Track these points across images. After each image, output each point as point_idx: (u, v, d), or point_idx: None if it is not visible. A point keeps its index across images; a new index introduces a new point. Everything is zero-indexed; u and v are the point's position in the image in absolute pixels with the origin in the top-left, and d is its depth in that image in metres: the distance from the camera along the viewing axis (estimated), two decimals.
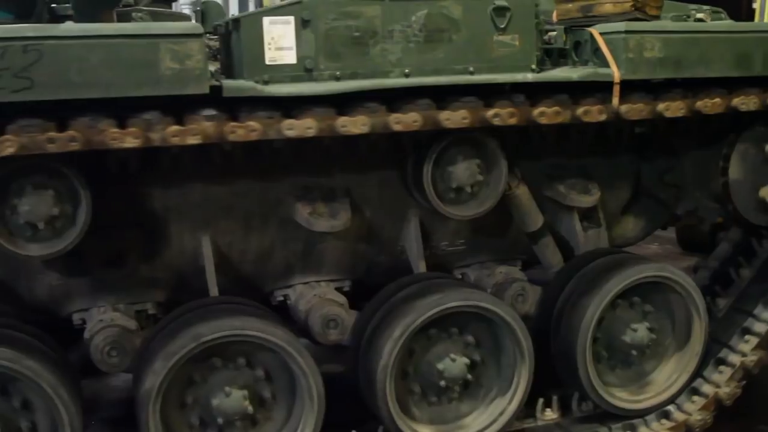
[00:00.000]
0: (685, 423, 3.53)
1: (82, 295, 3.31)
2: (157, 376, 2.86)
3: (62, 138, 2.52)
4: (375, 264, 3.63)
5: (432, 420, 3.33)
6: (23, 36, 2.43)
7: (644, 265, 3.45)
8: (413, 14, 2.94)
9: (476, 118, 2.96)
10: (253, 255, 3.42)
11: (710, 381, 3.60)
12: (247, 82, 2.71)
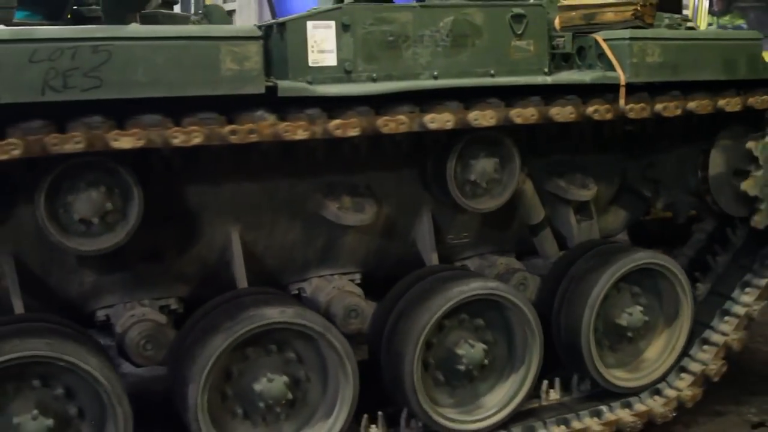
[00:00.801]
0: (677, 398, 3.85)
1: (108, 292, 3.37)
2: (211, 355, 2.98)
3: (128, 135, 2.62)
4: (386, 257, 3.81)
5: (454, 403, 3.53)
6: (93, 37, 2.53)
7: (643, 252, 3.75)
8: (441, 20, 3.14)
9: (501, 118, 3.18)
10: (276, 250, 3.55)
11: (697, 359, 3.94)
12: (298, 83, 2.86)
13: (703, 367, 3.89)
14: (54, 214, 2.79)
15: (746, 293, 4.00)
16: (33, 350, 2.75)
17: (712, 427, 4.07)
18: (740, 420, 4.15)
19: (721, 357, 3.93)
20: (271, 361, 3.18)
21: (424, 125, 3.06)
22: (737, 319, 3.95)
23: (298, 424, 3.27)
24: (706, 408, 4.14)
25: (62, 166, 2.73)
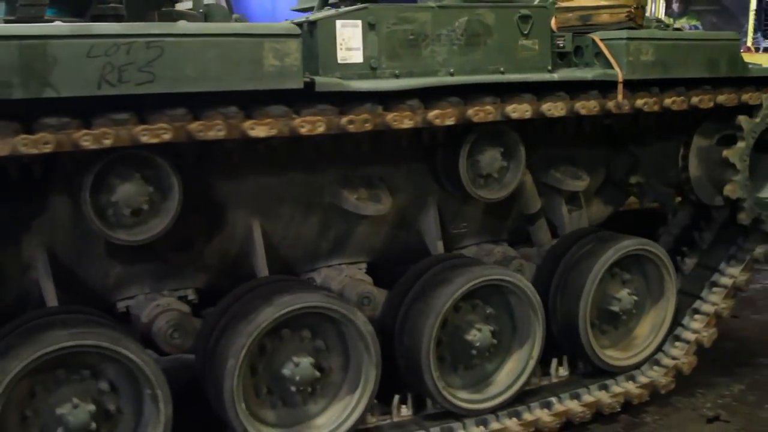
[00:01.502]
0: (675, 366, 4.16)
1: (130, 284, 3.46)
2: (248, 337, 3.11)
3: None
4: (392, 246, 3.98)
5: (465, 385, 3.73)
6: (147, 33, 2.64)
7: (633, 239, 4.01)
8: (456, 20, 3.33)
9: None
10: (291, 240, 3.69)
11: (690, 329, 4.26)
12: (332, 78, 3.01)
13: (696, 335, 4.22)
14: (97, 206, 2.88)
15: (732, 265, 4.33)
16: (94, 340, 2.85)
17: (668, 422, 4.12)
18: (695, 415, 4.20)
19: (713, 325, 4.26)
20: (302, 345, 3.33)
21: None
22: (725, 289, 4.30)
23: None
24: (662, 403, 4.25)
25: (107, 159, 2.83)
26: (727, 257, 4.36)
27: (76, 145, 2.65)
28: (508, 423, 3.67)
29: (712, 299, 4.28)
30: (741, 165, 3.94)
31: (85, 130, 2.64)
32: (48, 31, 2.52)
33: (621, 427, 4.02)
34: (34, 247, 3.15)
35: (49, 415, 2.88)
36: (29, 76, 2.48)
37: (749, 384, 4.56)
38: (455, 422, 3.63)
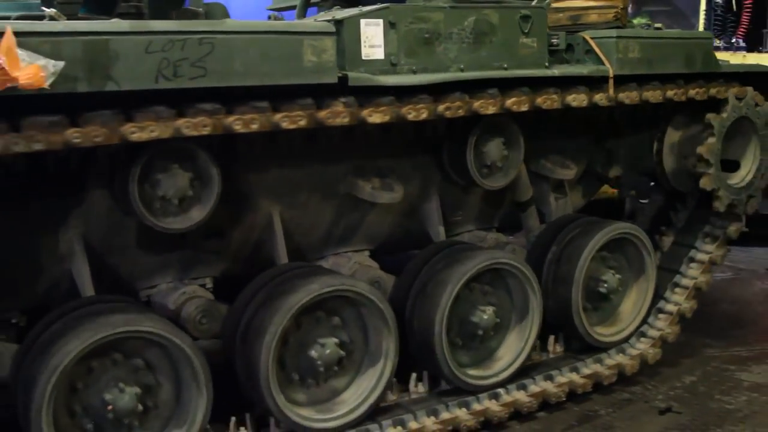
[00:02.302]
0: (660, 337, 4.50)
1: (153, 274, 3.59)
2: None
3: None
4: (395, 234, 4.20)
5: (474, 363, 3.98)
6: (199, 30, 2.79)
7: (620, 223, 4.33)
8: (465, 20, 3.56)
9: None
10: (306, 228, 3.87)
11: (671, 301, 4.61)
12: (363, 74, 3.21)
13: (678, 307, 4.58)
14: (142, 196, 3.01)
15: (707, 242, 4.70)
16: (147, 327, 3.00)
17: (621, 414, 4.17)
18: (648, 407, 4.25)
19: (692, 297, 4.62)
20: (322, 327, 3.50)
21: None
22: (702, 264, 4.65)
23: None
24: (614, 396, 4.34)
25: (151, 152, 2.97)
26: (702, 235, 4.72)
27: (123, 138, 2.79)
28: (517, 395, 3.93)
29: (691, 274, 4.65)
30: (713, 159, 4.28)
31: (132, 123, 2.77)
32: (110, 27, 2.66)
33: (574, 420, 4.09)
34: (71, 238, 3.25)
35: (97, 398, 3.01)
36: (93, 70, 2.60)
37: (700, 375, 4.65)
38: (470, 397, 3.88)
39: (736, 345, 5.12)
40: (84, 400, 3.01)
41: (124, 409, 3.00)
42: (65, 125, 2.68)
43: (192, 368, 3.12)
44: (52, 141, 2.62)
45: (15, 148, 2.56)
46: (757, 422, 4.04)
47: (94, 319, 2.96)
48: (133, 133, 2.78)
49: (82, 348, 2.86)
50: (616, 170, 4.80)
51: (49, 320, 3.09)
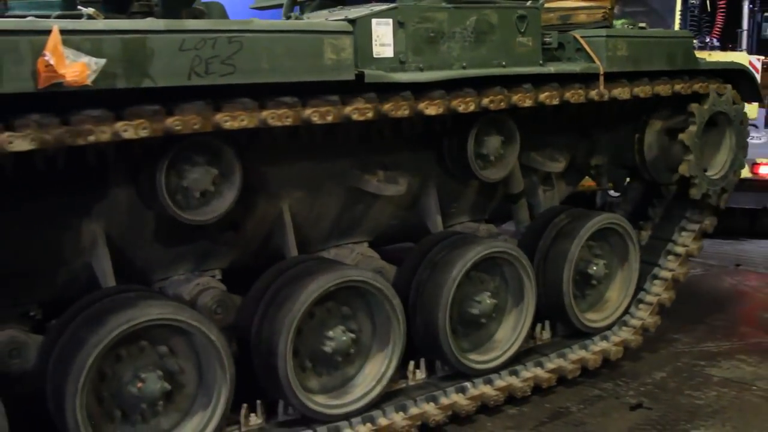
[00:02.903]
0: (642, 326, 4.73)
1: (166, 266, 3.68)
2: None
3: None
4: (392, 226, 4.35)
5: (473, 347, 4.16)
6: (229, 29, 2.91)
7: (606, 213, 4.55)
8: (467, 20, 3.73)
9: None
10: (312, 222, 3.99)
11: (651, 292, 4.85)
12: (377, 71, 3.35)
13: (658, 298, 4.82)
14: (168, 189, 3.11)
15: (684, 236, 4.96)
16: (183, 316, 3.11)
17: (592, 410, 4.19)
18: (619, 403, 4.29)
19: (671, 288, 4.86)
20: (334, 318, 3.65)
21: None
22: (680, 257, 4.91)
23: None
24: (585, 393, 4.39)
25: (178, 146, 3.07)
26: (678, 228, 4.98)
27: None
28: (511, 380, 4.15)
29: (669, 266, 4.90)
30: (693, 146, 4.52)
31: (174, 117, 2.88)
32: (147, 26, 2.76)
33: (546, 416, 4.13)
34: (94, 231, 3.32)
35: (127, 383, 3.11)
36: (131, 67, 2.71)
37: (670, 371, 4.70)
38: (467, 382, 4.05)
39: (706, 341, 5.21)
40: (113, 386, 3.10)
41: (152, 395, 3.10)
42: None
43: (218, 354, 3.23)
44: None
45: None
46: (726, 417, 4.13)
47: (132, 303, 3.07)
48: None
49: (125, 328, 2.99)
50: (598, 162, 5.02)
51: (78, 309, 3.17)
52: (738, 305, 6.12)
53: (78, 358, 2.92)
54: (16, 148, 2.57)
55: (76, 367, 2.91)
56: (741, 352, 5.03)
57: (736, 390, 4.45)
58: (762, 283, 6.74)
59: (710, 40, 8.55)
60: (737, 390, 4.45)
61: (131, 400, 3.12)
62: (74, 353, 2.94)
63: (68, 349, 3.00)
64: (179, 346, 3.26)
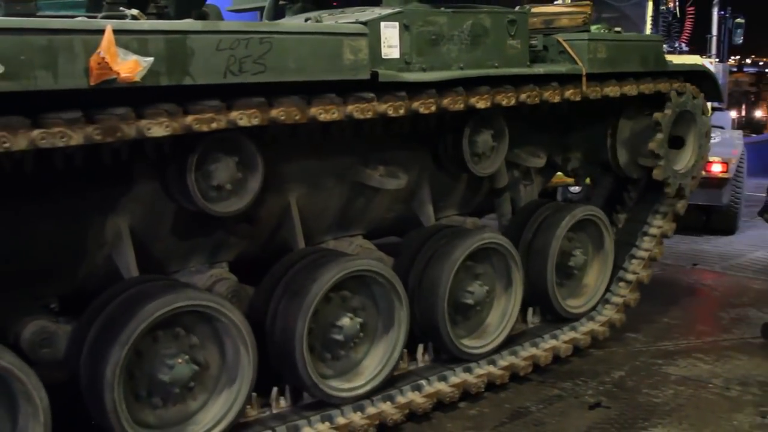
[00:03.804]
0: (623, 303, 5.05)
1: (184, 256, 3.81)
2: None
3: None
4: (385, 219, 4.56)
5: (469, 332, 4.40)
6: (260, 30, 3.09)
7: (584, 206, 4.86)
8: (464, 23, 3.97)
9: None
10: (315, 215, 4.17)
11: (630, 271, 5.18)
12: (388, 71, 3.56)
13: (636, 275, 5.15)
14: (197, 181, 3.27)
15: (657, 218, 5.30)
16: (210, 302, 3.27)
17: (552, 410, 4.23)
18: (578, 402, 4.33)
19: (648, 266, 5.20)
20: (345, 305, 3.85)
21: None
22: (655, 237, 5.26)
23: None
24: (545, 392, 4.45)
25: (206, 142, 3.23)
26: (653, 212, 5.33)
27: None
28: (511, 359, 4.43)
29: (645, 246, 5.25)
30: (663, 152, 4.86)
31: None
32: (187, 26, 2.91)
33: (506, 417, 4.15)
34: (118, 225, 3.44)
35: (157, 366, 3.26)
36: (173, 65, 2.85)
37: (628, 370, 4.76)
38: (471, 364, 4.32)
39: (664, 340, 5.28)
40: (145, 366, 3.25)
41: (181, 377, 3.26)
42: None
43: (242, 337, 3.40)
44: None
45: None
46: (683, 415, 4.18)
47: (169, 290, 3.23)
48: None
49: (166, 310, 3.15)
50: (574, 158, 5.32)
51: (108, 298, 3.29)
52: (695, 304, 6.25)
53: (117, 341, 3.05)
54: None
55: (116, 348, 3.04)
56: (698, 350, 5.12)
57: (693, 388, 4.52)
58: (718, 282, 6.90)
59: (679, 44, 9.03)
60: (694, 388, 4.52)
61: (162, 386, 3.26)
62: (113, 337, 3.07)
63: (106, 335, 3.12)
64: (206, 332, 3.42)
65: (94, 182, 3.32)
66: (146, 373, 3.27)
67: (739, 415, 4.16)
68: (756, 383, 4.57)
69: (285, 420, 3.63)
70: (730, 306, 6.11)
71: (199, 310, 3.31)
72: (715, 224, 8.54)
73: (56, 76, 2.61)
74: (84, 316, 3.32)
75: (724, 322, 5.72)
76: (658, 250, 5.26)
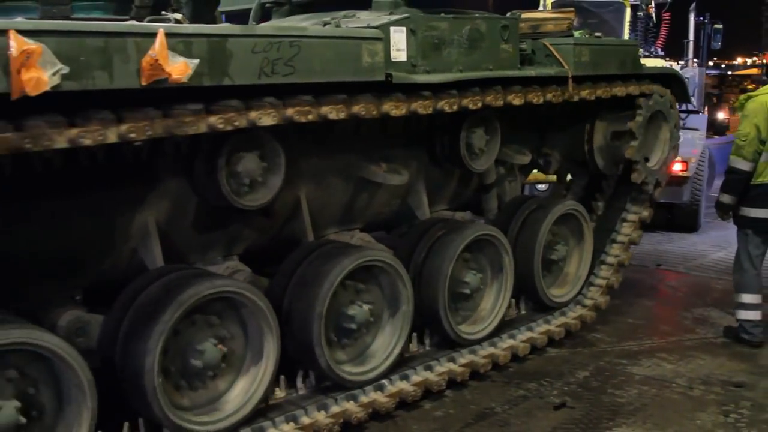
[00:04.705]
0: (606, 284, 5.40)
1: (198, 250, 3.98)
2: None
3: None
4: (381, 214, 4.79)
5: (465, 319, 4.67)
6: (291, 34, 3.30)
7: (566, 201, 5.18)
8: (463, 28, 4.23)
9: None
10: (320, 209, 4.37)
11: (611, 254, 5.54)
12: (399, 72, 3.79)
13: (617, 258, 5.50)
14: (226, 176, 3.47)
15: (635, 205, 5.66)
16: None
17: (517, 411, 4.24)
18: (543, 402, 4.34)
19: (628, 249, 5.55)
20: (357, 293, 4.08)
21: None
22: (633, 223, 5.62)
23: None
24: (510, 393, 4.48)
25: (234, 139, 3.42)
26: (630, 199, 5.68)
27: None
28: (511, 342, 4.71)
29: (624, 231, 5.62)
30: (639, 133, 5.21)
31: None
32: (227, 30, 3.11)
33: (471, 418, 4.17)
34: (146, 219, 3.60)
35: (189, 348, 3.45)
36: (214, 67, 3.05)
37: (593, 370, 4.78)
38: (462, 349, 4.58)
39: (628, 340, 5.31)
40: (179, 347, 3.44)
41: (211, 361, 3.45)
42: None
43: (267, 319, 3.62)
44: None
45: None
46: (647, 414, 4.21)
47: (200, 278, 3.44)
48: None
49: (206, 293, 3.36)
50: (555, 156, 5.63)
51: (140, 287, 3.45)
52: (658, 305, 6.31)
53: (155, 328, 3.23)
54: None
55: (156, 331, 3.22)
56: (661, 350, 5.16)
57: (657, 388, 4.55)
58: (681, 283, 6.99)
59: (655, 49, 9.46)
60: (658, 388, 4.55)
61: (193, 369, 3.45)
62: (151, 325, 3.24)
63: (143, 322, 3.29)
64: (233, 317, 3.62)
65: (123, 180, 3.48)
66: (179, 358, 3.44)
67: (702, 414, 4.22)
68: (719, 382, 4.63)
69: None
70: (693, 306, 6.16)
71: (227, 296, 3.50)
72: (677, 221, 8.89)
73: (111, 76, 2.78)
74: (116, 306, 3.48)
75: (687, 322, 5.76)
76: (636, 234, 5.61)
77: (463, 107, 4.05)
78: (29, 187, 3.18)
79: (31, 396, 3.01)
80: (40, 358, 3.01)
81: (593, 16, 8.94)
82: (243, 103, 3.21)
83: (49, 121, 2.67)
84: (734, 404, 4.33)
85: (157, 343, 3.22)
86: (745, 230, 5.23)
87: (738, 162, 5.15)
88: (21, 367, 2.98)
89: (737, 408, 4.28)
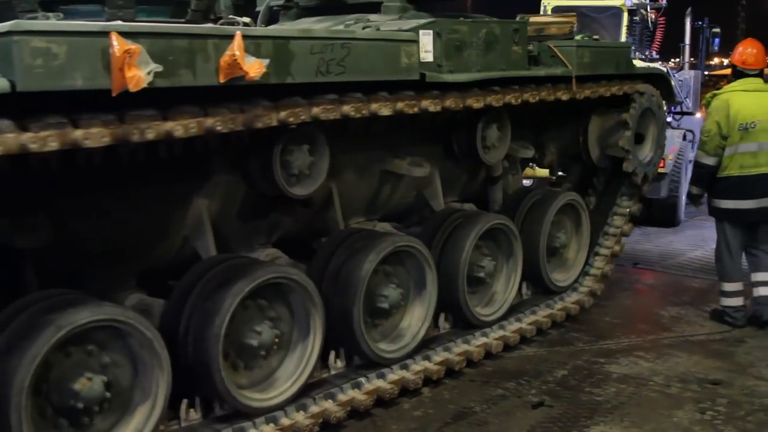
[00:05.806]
0: (601, 274, 5.79)
1: (240, 239, 4.23)
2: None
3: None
4: (397, 205, 5.10)
5: (479, 303, 5.01)
6: (342, 36, 3.60)
7: (566, 193, 5.56)
8: (480, 31, 4.57)
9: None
10: (348, 200, 4.66)
11: (604, 246, 5.94)
12: (431, 72, 4.11)
13: (611, 249, 5.91)
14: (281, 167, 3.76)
15: (625, 199, 6.06)
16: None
17: (495, 410, 4.25)
18: (521, 401, 4.36)
19: (620, 241, 5.93)
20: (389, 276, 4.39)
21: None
22: (624, 216, 6.02)
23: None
24: (489, 392, 4.49)
25: (288, 133, 3.71)
26: (620, 194, 6.09)
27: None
28: (518, 325, 5.08)
29: (616, 223, 6.02)
30: (631, 147, 5.61)
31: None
32: (288, 32, 3.40)
33: (450, 417, 4.18)
34: (200, 210, 3.86)
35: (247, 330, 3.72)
36: (278, 66, 3.33)
37: (571, 369, 4.80)
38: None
39: (605, 338, 5.34)
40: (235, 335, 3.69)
41: (267, 342, 3.73)
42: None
43: (313, 301, 3.91)
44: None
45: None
46: (625, 412, 4.23)
47: (254, 266, 3.71)
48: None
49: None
50: (552, 151, 6.01)
51: (201, 272, 3.71)
52: (636, 303, 6.35)
53: (221, 308, 3.49)
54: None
55: (221, 312, 3.48)
56: (639, 348, 5.18)
57: (634, 386, 4.58)
58: (658, 282, 7.04)
59: (650, 52, 9.90)
60: (635, 386, 4.58)
61: (249, 349, 3.72)
62: (216, 304, 3.50)
63: (206, 307, 3.54)
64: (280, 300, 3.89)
65: (180, 172, 3.73)
66: (234, 341, 3.71)
67: (679, 411, 4.26)
68: (695, 380, 4.67)
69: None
70: (670, 304, 6.21)
71: (276, 282, 3.77)
72: (657, 215, 9.29)
73: (195, 74, 3.05)
74: (176, 292, 3.72)
75: (664, 321, 5.81)
76: (627, 227, 6.02)
77: (487, 104, 4.39)
78: (103, 179, 3.42)
79: (112, 372, 3.25)
80: (120, 336, 3.25)
81: (592, 21, 9.37)
82: (305, 100, 3.50)
83: (145, 115, 2.93)
84: (711, 401, 4.39)
85: (221, 328, 3.48)
86: (721, 222, 5.63)
87: (702, 157, 5.59)
88: (104, 343, 3.22)
89: (714, 405, 4.35)
